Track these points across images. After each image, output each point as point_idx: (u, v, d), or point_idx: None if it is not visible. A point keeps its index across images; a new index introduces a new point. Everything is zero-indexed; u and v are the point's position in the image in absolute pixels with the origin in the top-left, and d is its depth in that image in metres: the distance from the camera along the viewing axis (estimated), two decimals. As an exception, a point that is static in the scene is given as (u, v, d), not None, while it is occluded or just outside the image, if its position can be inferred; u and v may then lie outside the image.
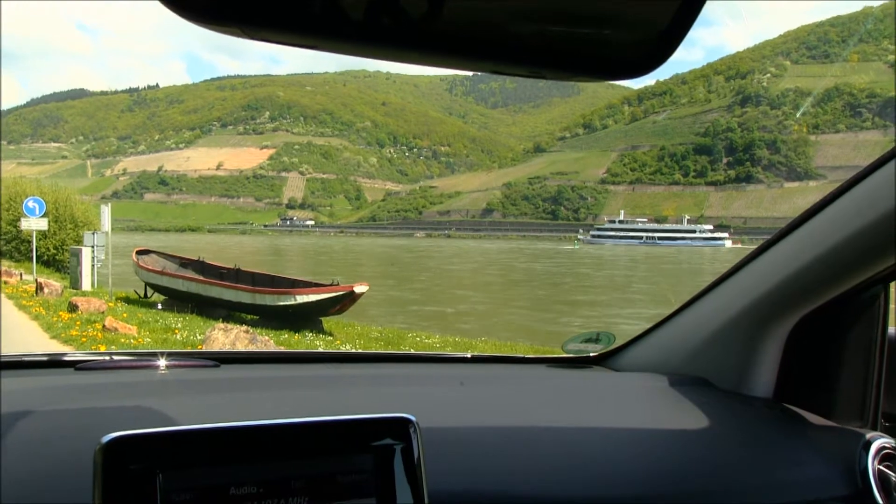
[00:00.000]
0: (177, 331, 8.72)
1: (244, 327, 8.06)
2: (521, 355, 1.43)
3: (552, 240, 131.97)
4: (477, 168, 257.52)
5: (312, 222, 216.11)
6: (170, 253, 14.24)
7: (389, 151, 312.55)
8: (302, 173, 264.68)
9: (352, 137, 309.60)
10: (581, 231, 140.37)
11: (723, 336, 1.16)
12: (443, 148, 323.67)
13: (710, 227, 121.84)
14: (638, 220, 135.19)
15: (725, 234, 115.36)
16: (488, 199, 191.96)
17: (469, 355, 1.35)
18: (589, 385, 1.23)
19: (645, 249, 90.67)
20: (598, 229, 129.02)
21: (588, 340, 1.37)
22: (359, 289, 10.11)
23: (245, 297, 10.72)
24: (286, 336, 9.28)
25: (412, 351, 8.79)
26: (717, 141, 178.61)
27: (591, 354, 1.40)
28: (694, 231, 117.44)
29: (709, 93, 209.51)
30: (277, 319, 10.25)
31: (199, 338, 8.05)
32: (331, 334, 10.16)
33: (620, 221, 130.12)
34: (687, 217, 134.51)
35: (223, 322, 8.99)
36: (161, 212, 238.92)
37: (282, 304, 10.28)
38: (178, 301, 11.48)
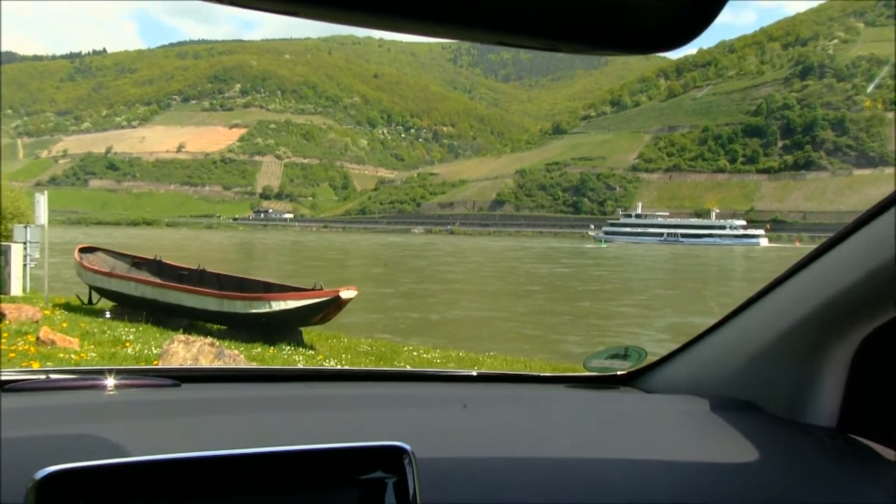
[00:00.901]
0: (128, 344, 8.70)
1: (209, 339, 8.04)
2: (536, 373, 1.46)
3: (573, 237, 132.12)
4: (485, 152, 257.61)
5: (291, 215, 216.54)
6: (120, 251, 14.23)
7: (382, 132, 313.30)
8: (279, 157, 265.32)
9: (338, 115, 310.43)
10: (593, 227, 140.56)
11: (774, 353, 1.18)
12: (445, 128, 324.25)
13: (743, 222, 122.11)
14: (658, 213, 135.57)
15: (760, 231, 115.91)
16: (498, 189, 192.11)
17: (474, 373, 1.39)
18: (616, 408, 1.25)
19: (669, 249, 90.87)
20: (612, 224, 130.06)
21: (614, 356, 1.40)
22: (346, 294, 10.10)
23: (210, 304, 10.70)
24: (259, 350, 9.30)
25: (408, 368, 8.66)
26: (772, 120, 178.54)
27: (619, 373, 1.43)
28: (724, 227, 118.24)
29: (761, 63, 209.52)
30: (249, 330, 10.29)
31: (154, 352, 8.05)
32: (312, 348, 10.19)
33: (637, 215, 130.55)
34: (716, 210, 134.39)
35: (184, 333, 8.95)
36: (110, 202, 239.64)
37: (254, 311, 10.27)
38: (130, 308, 11.48)
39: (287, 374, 1.31)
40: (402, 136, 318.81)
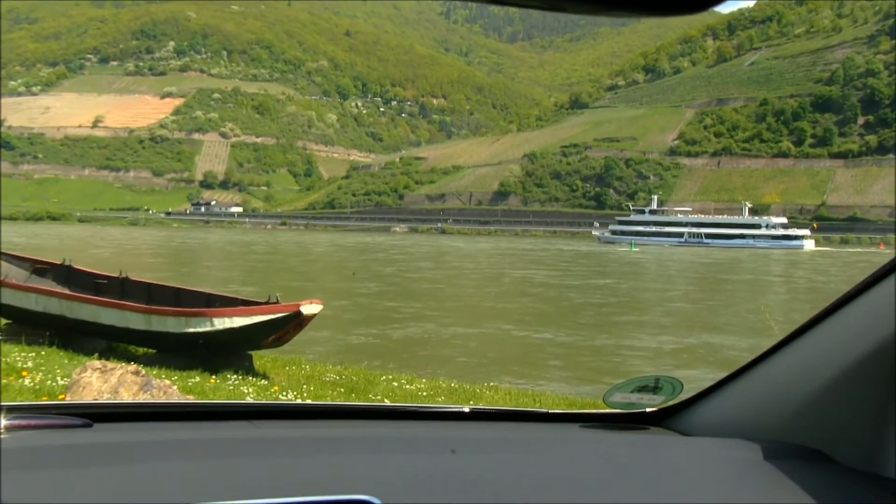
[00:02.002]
0: (25, 373, 8.62)
1: (133, 366, 7.99)
2: (545, 410, 1.48)
3: (594, 238, 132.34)
4: (485, 131, 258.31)
5: (240, 209, 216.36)
6: (17, 253, 14.19)
7: (356, 105, 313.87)
8: (225, 135, 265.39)
9: (300, 83, 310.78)
10: (597, 225, 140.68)
11: (845, 389, 1.19)
12: (435, 101, 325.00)
13: (783, 219, 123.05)
14: (677, 209, 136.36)
15: (804, 231, 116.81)
16: (502, 178, 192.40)
17: (466, 409, 1.41)
18: (645, 454, 1.27)
19: (699, 253, 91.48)
20: (622, 223, 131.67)
21: (642, 390, 1.42)
22: (308, 309, 10.11)
23: (135, 321, 10.68)
24: (198, 379, 9.32)
25: (386, 402, 8.55)
26: (850, 91, 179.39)
27: (648, 410, 1.45)
28: (758, 226, 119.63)
29: (838, 18, 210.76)
30: (185, 354, 10.31)
31: (61, 383, 8.00)
32: (265, 376, 10.22)
33: (652, 211, 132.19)
34: (749, 205, 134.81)
35: (100, 359, 8.89)
36: (2, 190, 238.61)
37: (191, 331, 10.26)
38: (30, 327, 11.41)
39: (232, 411, 1.33)
40: (381, 109, 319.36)
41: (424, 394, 9.59)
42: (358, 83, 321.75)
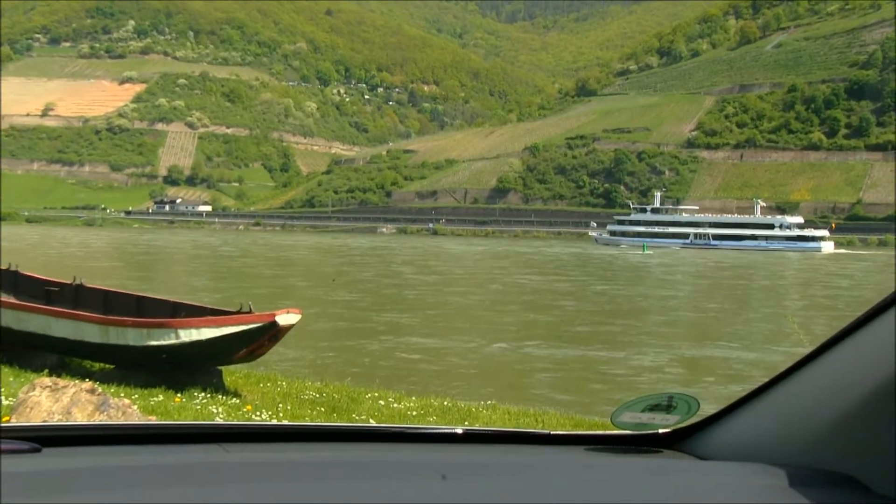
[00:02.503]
0: (-33, 390, 8.57)
1: (88, 383, 7.94)
2: (546, 431, 1.50)
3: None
4: (482, 121, 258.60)
5: (209, 207, 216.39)
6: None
7: (338, 92, 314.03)
8: (191, 126, 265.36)
9: (275, 68, 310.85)
10: (594, 224, 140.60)
11: (879, 409, 1.21)
12: (426, 87, 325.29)
13: (798, 219, 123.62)
14: (682, 207, 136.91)
15: (824, 233, 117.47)
16: (500, 173, 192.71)
17: (459, 430, 1.44)
18: (658, 479, 1.29)
19: (710, 256, 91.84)
20: (621, 222, 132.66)
21: (654, 408, 1.44)
22: (285, 319, 10.10)
23: (91, 333, 10.64)
24: (161, 398, 9.30)
25: (371, 423, 8.55)
26: (890, 75, 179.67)
27: (661, 431, 1.48)
28: (771, 226, 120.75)
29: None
30: (147, 369, 10.27)
31: (5, 403, 7.95)
32: (236, 394, 10.22)
33: (654, 209, 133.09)
34: (761, 203, 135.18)
35: (51, 375, 8.83)
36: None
37: (154, 343, 10.24)
38: (-28, 339, 11.34)
39: (200, 433, 1.34)
40: (366, 97, 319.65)
41: (414, 413, 9.61)
42: (340, 68, 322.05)
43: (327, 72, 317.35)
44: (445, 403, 10.48)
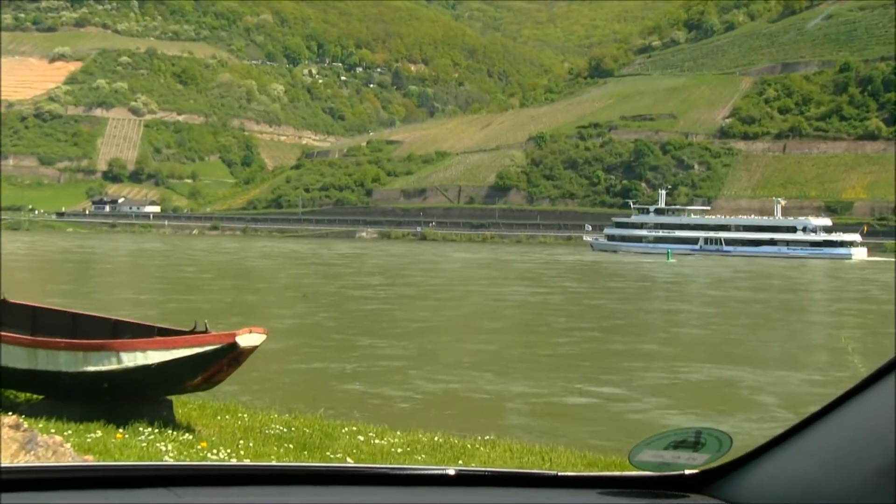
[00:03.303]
0: None
1: (12, 417, 7.90)
2: (554, 472, 1.54)
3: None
4: (478, 107, 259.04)
5: (158, 208, 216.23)
6: None
7: (309, 73, 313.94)
8: (136, 112, 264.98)
9: (236, 44, 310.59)
10: (589, 228, 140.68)
11: None
12: (413, 67, 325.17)
13: (826, 221, 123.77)
14: (690, 208, 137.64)
15: (854, 237, 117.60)
16: (500, 168, 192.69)
17: (452, 471, 1.47)
18: None
19: (736, 264, 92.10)
20: (620, 225, 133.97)
21: (680, 446, 1.46)
22: (247, 340, 10.02)
23: (16, 358, 10.57)
24: (99, 434, 9.23)
25: (349, 462, 8.52)
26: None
27: (687, 472, 1.50)
28: (794, 229, 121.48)
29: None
30: (83, 401, 10.19)
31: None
32: (189, 429, 10.17)
33: (658, 210, 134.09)
34: (782, 202, 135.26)
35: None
36: None
37: (92, 369, 10.15)
38: None
39: (146, 475, 1.35)
40: (343, 78, 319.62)
41: (399, 451, 9.56)
42: (312, 44, 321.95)
43: (297, 49, 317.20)
44: (436, 439, 10.43)
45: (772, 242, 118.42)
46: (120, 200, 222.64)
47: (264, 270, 68.75)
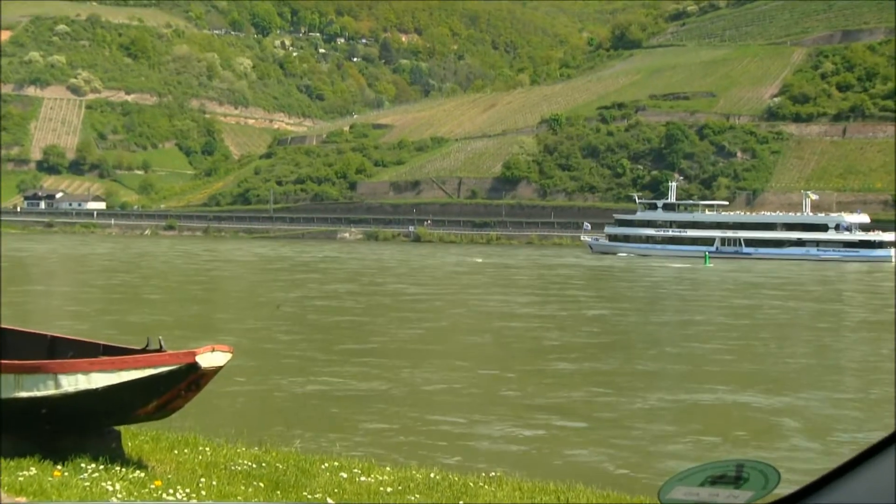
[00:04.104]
0: None
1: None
2: None
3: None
4: (481, 84, 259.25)
5: (103, 205, 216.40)
6: None
7: (282, 44, 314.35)
8: (76, 91, 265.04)
9: (194, 10, 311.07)
10: (588, 227, 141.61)
11: None
12: (404, 38, 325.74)
13: (863, 217, 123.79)
14: (703, 203, 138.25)
15: (892, 236, 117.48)
16: (507, 156, 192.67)
17: None
18: None
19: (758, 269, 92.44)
20: (622, 223, 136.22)
21: (719, 480, 1.48)
22: (209, 359, 10.00)
23: (-65, 381, 10.57)
24: (34, 472, 9.18)
25: (329, 503, 8.57)
26: None
27: None
28: (824, 227, 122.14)
29: None
30: (15, 431, 10.17)
31: None
32: (141, 464, 10.18)
33: (666, 206, 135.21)
34: (811, 196, 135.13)
35: None
36: None
37: (26, 395, 10.16)
38: None
39: None
40: (321, 51, 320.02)
41: (389, 489, 9.59)
42: (285, 10, 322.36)
43: (266, 16, 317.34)
44: (433, 476, 10.45)
45: (799, 243, 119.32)
46: (58, 195, 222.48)
47: (229, 278, 68.92)
